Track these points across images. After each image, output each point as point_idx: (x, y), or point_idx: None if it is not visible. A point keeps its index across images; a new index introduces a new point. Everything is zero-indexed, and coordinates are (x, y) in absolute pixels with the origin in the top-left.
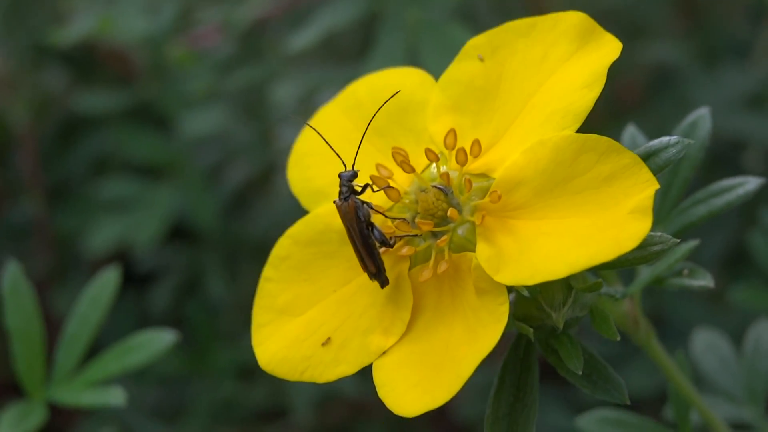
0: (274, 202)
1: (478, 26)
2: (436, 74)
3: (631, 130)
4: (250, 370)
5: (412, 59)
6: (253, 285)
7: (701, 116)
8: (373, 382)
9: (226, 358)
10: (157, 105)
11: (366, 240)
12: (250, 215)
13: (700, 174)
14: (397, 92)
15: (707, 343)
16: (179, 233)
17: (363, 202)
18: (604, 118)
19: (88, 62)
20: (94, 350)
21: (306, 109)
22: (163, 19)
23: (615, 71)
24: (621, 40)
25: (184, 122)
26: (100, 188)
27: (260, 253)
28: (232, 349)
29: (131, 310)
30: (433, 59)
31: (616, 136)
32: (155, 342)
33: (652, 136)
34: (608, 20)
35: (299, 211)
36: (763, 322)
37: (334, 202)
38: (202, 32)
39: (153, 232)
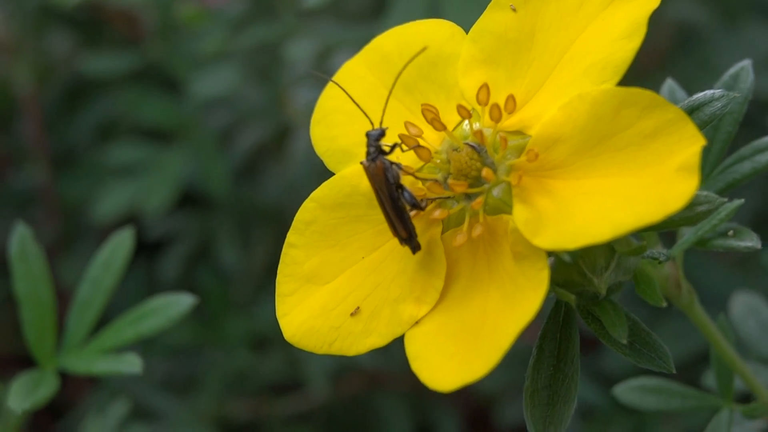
0: (288, 166)
1: None
2: (459, 25)
3: (669, 84)
4: (263, 340)
5: (433, 14)
6: (266, 252)
7: (743, 68)
8: (389, 353)
9: (238, 328)
10: (165, 66)
11: (396, 203)
12: (262, 180)
13: None
14: (425, 48)
15: (747, 307)
16: (190, 199)
17: (392, 163)
18: (624, 80)
19: (94, 24)
20: (104, 318)
21: (321, 69)
22: None
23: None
24: None
25: (193, 83)
26: (107, 153)
27: (273, 219)
28: (245, 319)
29: (141, 278)
30: (456, 12)
31: (654, 88)
32: (171, 307)
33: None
34: None
35: (313, 176)
36: None
37: (361, 162)
38: None
39: (163, 198)
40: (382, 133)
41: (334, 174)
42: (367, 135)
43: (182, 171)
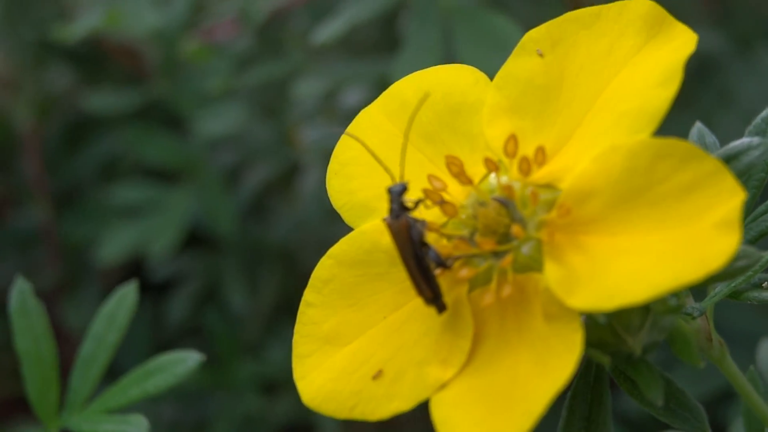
0: (296, 205)
1: (508, 12)
2: (476, 66)
3: (699, 127)
4: (273, 383)
5: (447, 51)
6: (274, 292)
7: None
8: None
9: (247, 371)
10: (169, 104)
11: (420, 262)
12: (270, 219)
13: None
14: (427, 96)
15: None
16: (196, 239)
17: (416, 220)
18: None
19: (95, 59)
20: (110, 367)
21: (330, 106)
22: (175, 12)
23: None
24: None
25: (199, 122)
26: (110, 194)
27: (281, 258)
28: (254, 362)
29: (147, 320)
30: (472, 51)
31: (663, 129)
32: (179, 364)
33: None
34: None
35: (321, 215)
36: None
37: (384, 220)
38: (217, 25)
39: (169, 239)
40: (404, 189)
41: (346, 223)
42: (389, 191)
43: (188, 211)
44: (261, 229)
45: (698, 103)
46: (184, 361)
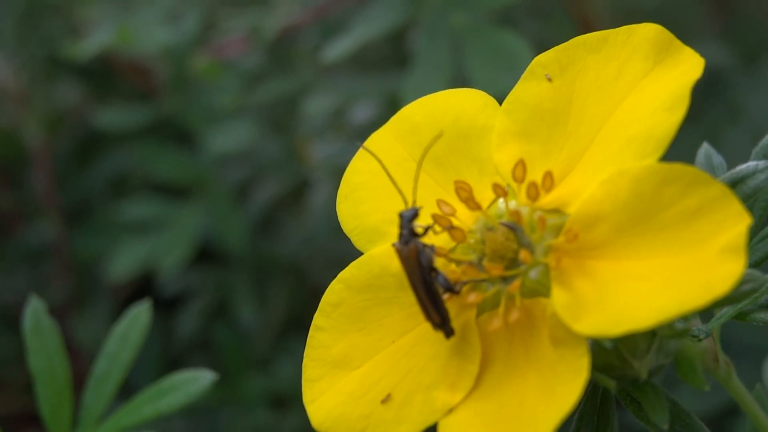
0: (305, 220)
1: (519, 30)
2: (486, 86)
3: (706, 149)
4: (282, 398)
5: (457, 68)
6: (284, 307)
7: None
8: None
9: (257, 386)
10: (179, 120)
11: (429, 287)
12: (279, 235)
13: None
14: (448, 119)
15: None
16: (206, 254)
17: (425, 246)
18: None
19: (105, 75)
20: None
21: (340, 122)
22: (185, 29)
23: None
24: None
25: (209, 138)
26: (121, 209)
27: (291, 273)
28: (264, 376)
29: (158, 335)
30: (481, 69)
31: (671, 148)
32: (192, 383)
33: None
34: (645, 20)
35: (330, 231)
36: None
37: (394, 245)
38: (227, 42)
39: (179, 254)
40: (415, 214)
41: (362, 253)
42: (401, 216)
43: (198, 227)
44: (270, 244)
45: (706, 119)
46: (197, 380)
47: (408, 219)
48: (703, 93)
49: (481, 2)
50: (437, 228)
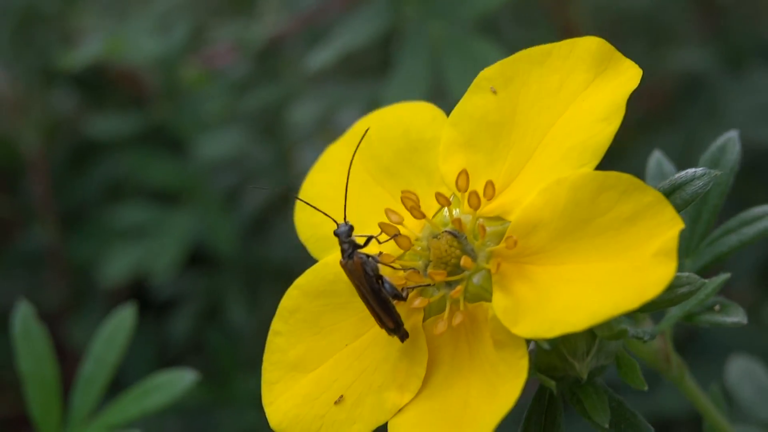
0: (292, 226)
1: (501, 38)
2: (463, 93)
3: (657, 157)
4: None
5: (435, 76)
6: (274, 309)
7: (730, 140)
8: None
9: (248, 387)
10: (170, 127)
11: (378, 295)
12: (269, 239)
13: (734, 185)
14: (366, 131)
15: (744, 372)
16: (198, 259)
17: (368, 256)
18: (632, 129)
19: (99, 84)
20: (112, 383)
21: (327, 127)
22: (174, 39)
23: (642, 79)
24: (644, 46)
25: (199, 145)
26: (114, 215)
27: (281, 276)
28: (255, 378)
29: (151, 338)
30: (458, 76)
31: (645, 149)
32: (176, 382)
33: (682, 147)
34: (630, 25)
35: None
36: None
37: (339, 261)
38: (216, 52)
39: (171, 259)
40: (351, 229)
41: (317, 260)
42: (336, 234)
43: (190, 231)
44: (261, 247)
45: (685, 121)
46: (181, 379)
47: (345, 234)
48: (685, 96)
49: (460, 12)
50: (382, 237)
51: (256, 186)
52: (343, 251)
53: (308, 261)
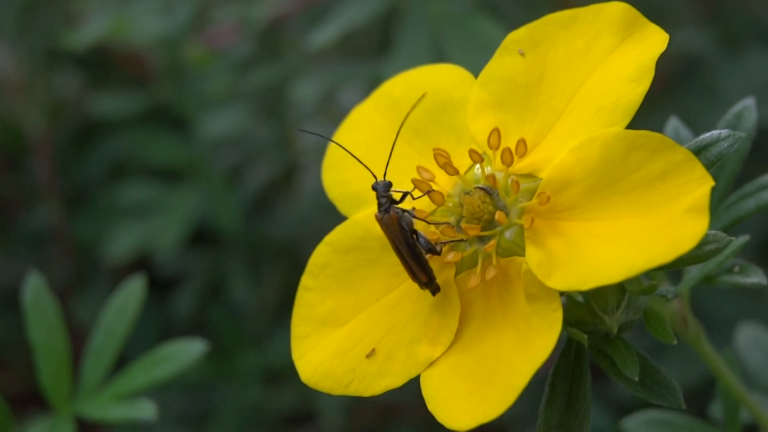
0: (297, 202)
1: (500, 17)
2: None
3: (674, 123)
4: (276, 374)
5: (437, 54)
6: (278, 286)
7: (746, 107)
8: (402, 386)
9: (252, 363)
10: (173, 107)
11: (413, 249)
12: (272, 216)
13: None
14: (426, 92)
15: (752, 339)
16: (201, 237)
17: (404, 211)
18: (646, 96)
19: (102, 64)
20: (120, 361)
21: (327, 107)
22: (178, 19)
23: None
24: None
25: (202, 124)
26: (118, 193)
27: (284, 254)
28: (258, 354)
29: (155, 315)
30: (459, 53)
31: (646, 127)
32: (184, 353)
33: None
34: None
35: (322, 212)
36: None
37: (375, 215)
38: (219, 31)
39: (174, 236)
40: (389, 185)
41: (346, 217)
42: (374, 188)
43: (193, 210)
44: (264, 225)
45: (683, 101)
46: (189, 350)
47: (383, 189)
48: (682, 77)
49: None
50: (417, 193)
51: (258, 164)
52: (380, 205)
53: (310, 238)
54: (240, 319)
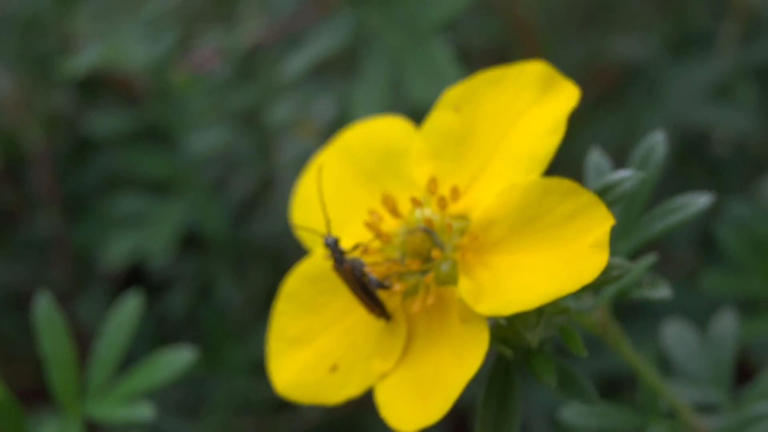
0: (276, 209)
1: (458, 36)
2: (420, 92)
3: (595, 159)
4: (261, 365)
5: (397, 79)
6: (259, 285)
7: (656, 143)
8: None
9: (238, 356)
10: (161, 126)
11: (366, 290)
12: (253, 223)
13: (673, 166)
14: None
15: (677, 335)
16: (190, 242)
17: (355, 260)
18: (589, 105)
19: (93, 85)
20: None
21: (299, 120)
22: (163, 46)
23: (593, 63)
24: (596, 32)
25: (189, 142)
26: (113, 204)
27: (265, 256)
28: (242, 348)
29: (149, 315)
30: (416, 80)
31: (599, 125)
32: (180, 359)
33: (627, 127)
34: (584, 12)
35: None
36: (726, 313)
37: (332, 266)
38: (202, 57)
39: (165, 243)
40: (336, 240)
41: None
42: (327, 245)
43: (181, 218)
44: (247, 231)
45: (627, 107)
46: (184, 356)
47: (334, 245)
48: (629, 81)
49: (420, 23)
50: (368, 236)
51: (240, 176)
52: (334, 259)
53: (286, 241)
54: (226, 316)
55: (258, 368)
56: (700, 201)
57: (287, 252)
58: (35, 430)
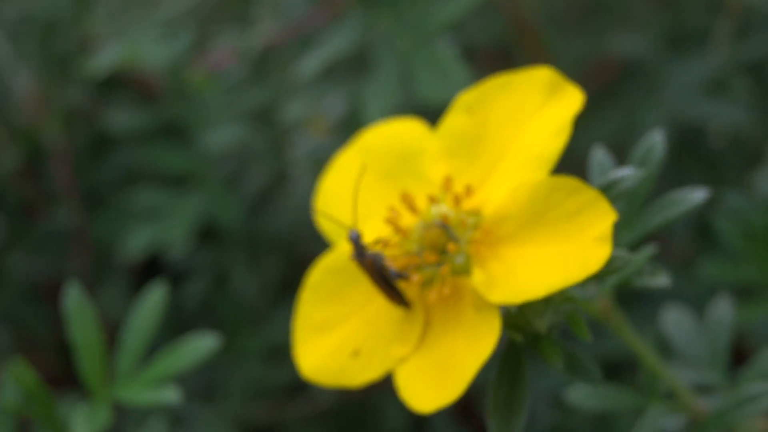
0: (290, 202)
1: (462, 34)
2: (430, 92)
3: (599, 156)
4: (274, 350)
5: (407, 79)
6: (272, 275)
7: (656, 142)
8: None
9: (253, 342)
10: (178, 123)
11: (387, 281)
12: (267, 214)
13: (670, 158)
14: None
15: (676, 321)
16: (206, 234)
17: (376, 254)
18: (589, 99)
19: (111, 82)
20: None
21: (311, 116)
22: (180, 46)
23: (593, 59)
24: (595, 29)
25: (205, 139)
26: (131, 197)
27: (279, 247)
28: (256, 336)
29: (168, 303)
30: (426, 80)
31: (604, 117)
32: (202, 346)
33: (625, 120)
34: (583, 9)
35: (311, 212)
36: (722, 299)
37: (354, 259)
38: (219, 57)
39: (182, 235)
40: (359, 235)
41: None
42: (350, 240)
43: (198, 211)
44: (261, 223)
45: (624, 103)
46: (207, 343)
47: (356, 239)
48: (625, 77)
49: (428, 25)
50: (388, 230)
51: (255, 170)
52: (357, 252)
53: (298, 233)
54: (242, 305)
55: (272, 354)
56: (697, 195)
57: (299, 243)
58: (65, 414)
